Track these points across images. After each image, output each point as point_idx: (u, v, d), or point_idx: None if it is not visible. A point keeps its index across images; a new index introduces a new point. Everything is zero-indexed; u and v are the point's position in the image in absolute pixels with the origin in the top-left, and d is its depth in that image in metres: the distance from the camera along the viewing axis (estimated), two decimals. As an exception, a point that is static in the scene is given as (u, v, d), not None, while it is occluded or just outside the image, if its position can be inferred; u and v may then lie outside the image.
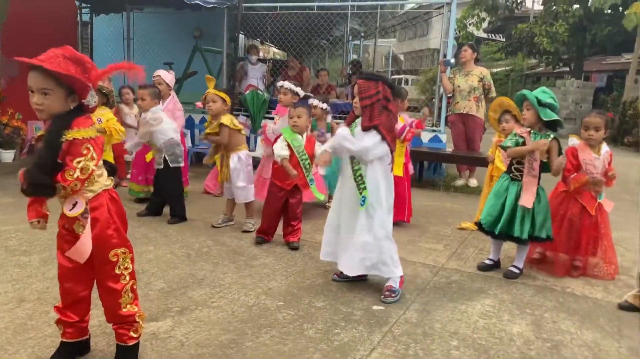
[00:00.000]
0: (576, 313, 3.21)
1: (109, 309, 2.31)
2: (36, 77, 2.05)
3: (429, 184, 7.19)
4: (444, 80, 7.04)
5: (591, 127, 3.72)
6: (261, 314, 2.97)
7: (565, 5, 16.28)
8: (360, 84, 3.28)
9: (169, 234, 4.41)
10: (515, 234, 3.61)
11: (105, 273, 2.25)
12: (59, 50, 2.09)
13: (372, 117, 3.22)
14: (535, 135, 3.60)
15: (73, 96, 2.13)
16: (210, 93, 4.60)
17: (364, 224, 3.29)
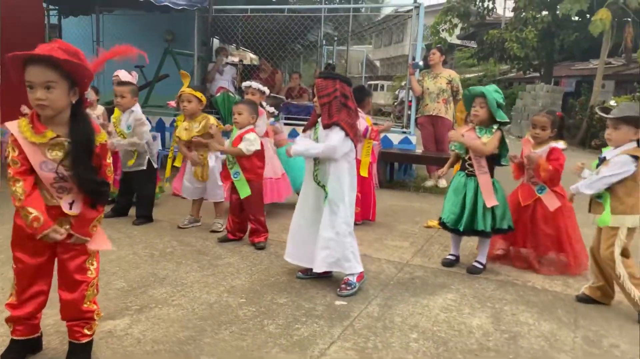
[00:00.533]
0: (535, 306, 3.26)
1: (71, 304, 2.24)
2: (39, 70, 1.97)
3: (399, 185, 7.25)
4: (413, 82, 7.12)
5: (538, 125, 3.82)
6: (222, 312, 2.95)
7: (534, 12, 16.63)
8: (318, 83, 3.33)
9: (133, 235, 4.35)
10: (480, 228, 3.67)
11: (75, 265, 2.21)
12: (53, 43, 2.05)
13: (331, 114, 3.25)
14: (480, 130, 3.68)
15: (74, 89, 2.08)
16: (185, 92, 4.54)
17: (328, 220, 3.31)
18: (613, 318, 3.13)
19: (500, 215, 3.70)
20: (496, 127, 3.69)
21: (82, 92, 2.12)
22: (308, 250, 3.42)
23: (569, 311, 3.20)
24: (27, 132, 2.05)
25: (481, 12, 18.69)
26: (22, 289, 2.24)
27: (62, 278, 2.25)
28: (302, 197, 3.53)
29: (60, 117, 2.09)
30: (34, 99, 2.00)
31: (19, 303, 2.25)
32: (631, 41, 14.75)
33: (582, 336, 2.86)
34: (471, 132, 3.74)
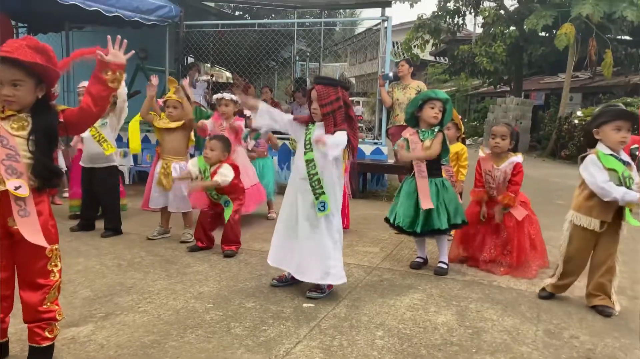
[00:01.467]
0: (500, 303, 3.32)
1: (30, 307, 2.21)
2: (6, 69, 2.03)
3: (372, 195, 7.32)
4: (383, 93, 7.24)
5: (498, 135, 3.90)
6: (188, 316, 2.94)
7: (502, 28, 17.07)
8: (318, 90, 3.18)
9: (101, 247, 4.30)
10: (436, 226, 3.73)
11: (37, 269, 2.19)
12: (22, 40, 2.10)
13: (337, 124, 3.18)
14: (423, 134, 3.79)
15: (41, 85, 2.14)
16: (172, 98, 4.61)
17: (325, 230, 3.24)
18: (574, 311, 3.21)
19: (454, 211, 3.79)
20: (437, 129, 3.79)
21: (49, 88, 2.17)
22: (295, 256, 3.32)
23: (532, 307, 3.27)
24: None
25: (452, 28, 19.09)
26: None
27: (23, 280, 2.22)
28: (287, 204, 3.39)
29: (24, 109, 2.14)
30: (1, 95, 2.07)
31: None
32: (595, 54, 15.21)
33: (543, 330, 2.93)
34: (415, 135, 3.84)
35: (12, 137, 2.09)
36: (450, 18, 18.60)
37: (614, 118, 3.06)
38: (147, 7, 7.26)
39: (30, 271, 2.19)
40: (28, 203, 2.10)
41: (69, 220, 5.17)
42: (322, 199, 3.20)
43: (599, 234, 3.15)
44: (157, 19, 7.52)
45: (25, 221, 2.09)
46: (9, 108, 2.10)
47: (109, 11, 6.59)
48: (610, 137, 3.06)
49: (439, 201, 3.78)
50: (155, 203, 4.66)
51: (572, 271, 3.30)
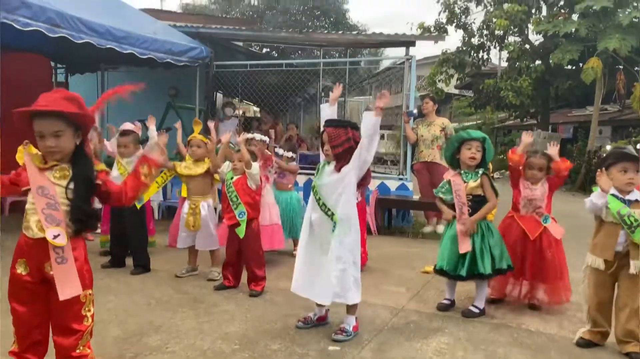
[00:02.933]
0: (529, 348, 3.26)
1: (64, 351, 2.28)
2: (46, 122, 2.17)
3: (397, 231, 7.30)
4: (408, 130, 7.31)
5: (536, 167, 3.95)
6: (215, 358, 2.97)
7: (528, 62, 17.10)
8: (329, 132, 3.33)
9: (131, 284, 4.39)
10: (480, 271, 3.69)
11: (71, 314, 2.25)
12: (54, 93, 2.24)
13: (348, 161, 3.32)
14: (466, 175, 3.79)
15: (78, 133, 2.26)
16: (196, 138, 4.75)
17: (337, 251, 3.29)
18: (606, 357, 3.12)
19: (499, 255, 3.75)
20: (482, 171, 3.80)
21: (85, 135, 2.30)
22: (315, 280, 3.37)
23: (562, 352, 3.20)
24: (36, 159, 2.24)
25: (476, 62, 19.20)
26: (22, 337, 2.29)
27: (56, 325, 2.29)
28: (306, 227, 3.48)
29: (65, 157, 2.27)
30: (44, 146, 2.19)
31: (21, 351, 2.30)
32: (623, 87, 15.10)
33: (574, 378, 2.86)
34: (457, 176, 3.84)
35: (52, 186, 2.21)
36: (475, 53, 18.72)
37: (619, 161, 3.15)
38: (178, 49, 7.54)
39: (64, 317, 2.25)
40: (66, 251, 2.19)
41: (100, 256, 5.29)
42: (335, 219, 3.30)
43: (614, 275, 3.15)
44: (188, 59, 7.79)
45: (62, 268, 2.18)
46: (52, 159, 2.22)
47: (142, 54, 6.86)
48: (617, 178, 3.14)
49: (483, 244, 3.75)
50: (183, 243, 4.75)
51: (600, 316, 3.24)
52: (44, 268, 2.21)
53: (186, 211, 4.70)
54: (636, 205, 3.10)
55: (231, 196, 4.28)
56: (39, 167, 2.23)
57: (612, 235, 3.14)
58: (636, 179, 3.11)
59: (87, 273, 2.30)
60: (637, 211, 3.08)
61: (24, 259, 2.23)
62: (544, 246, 3.93)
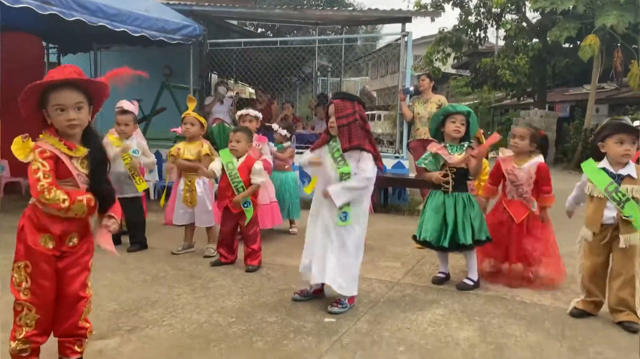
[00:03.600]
0: (523, 318, 3.29)
1: (70, 320, 2.30)
2: (70, 93, 2.14)
3: (394, 209, 7.31)
4: (404, 108, 7.27)
5: (517, 135, 3.97)
6: (212, 330, 2.98)
7: (525, 40, 16.99)
8: (336, 104, 3.29)
9: (127, 262, 4.39)
10: (461, 241, 3.72)
11: (80, 281, 2.31)
12: (66, 68, 2.21)
13: (352, 137, 3.25)
14: (451, 148, 3.79)
15: (91, 108, 2.25)
16: (190, 115, 4.69)
17: (342, 240, 3.31)
18: (600, 327, 3.16)
19: (478, 227, 3.78)
20: (467, 144, 3.80)
21: (97, 110, 2.28)
22: (315, 262, 3.38)
23: (556, 322, 3.23)
24: (62, 147, 2.19)
25: (473, 41, 19.07)
26: (45, 315, 2.26)
27: (64, 296, 2.30)
28: (314, 213, 3.48)
29: (78, 134, 2.25)
30: (65, 120, 2.16)
31: (42, 331, 2.27)
32: (621, 65, 15.01)
33: (568, 346, 2.89)
34: (443, 149, 3.84)
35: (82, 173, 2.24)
36: (472, 31, 18.58)
37: (616, 132, 3.12)
38: (171, 27, 7.45)
39: (77, 283, 2.29)
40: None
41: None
42: (345, 209, 3.28)
43: (608, 246, 3.18)
44: (181, 38, 7.70)
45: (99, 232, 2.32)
46: (72, 132, 2.20)
47: (135, 31, 6.78)
48: (613, 150, 3.13)
49: (464, 216, 3.78)
50: (180, 220, 4.74)
51: (593, 285, 3.27)
52: (67, 241, 2.25)
53: (182, 188, 4.70)
54: (628, 180, 3.11)
55: (237, 186, 4.21)
56: (68, 155, 2.20)
57: (598, 208, 3.18)
58: (632, 151, 3.10)
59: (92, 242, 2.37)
60: (628, 186, 3.09)
61: (49, 234, 2.22)
62: (530, 231, 3.95)
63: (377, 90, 40.49)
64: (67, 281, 2.28)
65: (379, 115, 27.90)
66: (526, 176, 3.92)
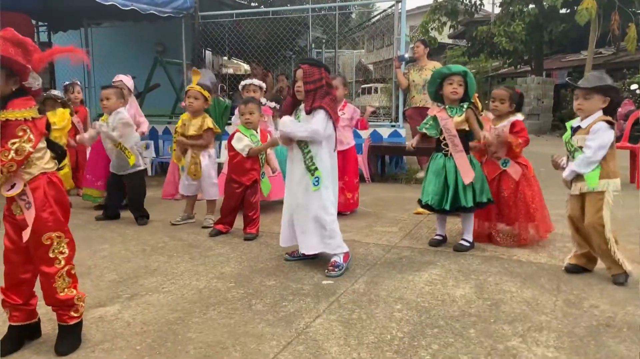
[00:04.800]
0: (519, 276, 3.32)
1: (47, 293, 2.32)
2: None
3: (391, 178, 7.32)
4: (399, 75, 7.21)
5: (497, 98, 3.97)
6: (211, 295, 3.02)
7: (521, 6, 16.77)
8: (305, 69, 3.35)
9: (125, 234, 4.42)
10: (462, 204, 3.74)
11: (38, 256, 2.27)
12: (2, 31, 2.13)
13: (315, 100, 3.34)
14: (451, 110, 3.78)
15: (15, 78, 2.17)
16: (193, 89, 4.64)
17: (318, 203, 3.39)
18: (595, 283, 3.19)
19: (479, 189, 3.78)
20: (466, 105, 3.78)
21: (23, 80, 2.21)
22: (300, 233, 3.50)
23: (552, 278, 3.26)
24: None
25: (469, 9, 18.81)
26: (6, 273, 2.31)
27: (36, 268, 2.32)
28: (288, 183, 3.60)
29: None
30: None
31: (6, 288, 2.32)
32: (618, 29, 14.84)
33: (563, 300, 2.92)
34: (442, 112, 3.82)
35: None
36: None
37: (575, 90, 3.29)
38: (162, 0, 7.34)
39: (36, 259, 2.28)
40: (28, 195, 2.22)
41: (95, 210, 5.30)
42: (317, 174, 3.38)
43: (581, 199, 3.24)
44: (172, 10, 7.59)
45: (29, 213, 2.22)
46: None
47: (124, 5, 6.68)
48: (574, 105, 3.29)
49: None
50: (185, 190, 4.74)
51: (580, 239, 3.33)
52: (12, 211, 2.25)
53: (188, 160, 4.67)
54: (579, 131, 3.21)
55: (261, 157, 4.41)
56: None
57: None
58: (584, 105, 3.18)
59: (50, 215, 2.25)
60: (577, 137, 3.20)
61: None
62: (501, 188, 3.98)
63: (373, 63, 40.14)
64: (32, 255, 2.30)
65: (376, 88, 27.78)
66: (503, 133, 3.91)
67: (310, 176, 3.39)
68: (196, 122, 4.63)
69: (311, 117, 3.37)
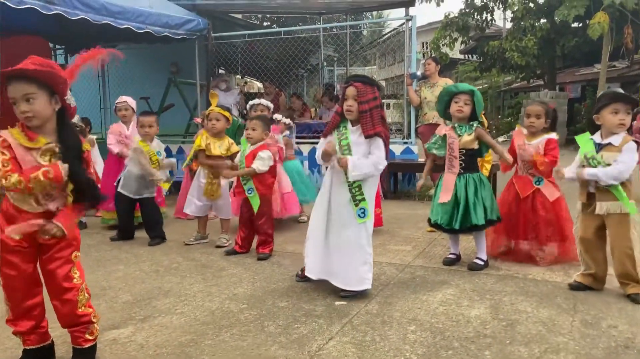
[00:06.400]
0: (535, 295, 3.27)
1: (66, 312, 2.32)
2: (17, 85, 2.13)
3: (404, 195, 7.30)
4: (411, 93, 7.23)
5: (532, 114, 3.90)
6: (223, 317, 3.02)
7: (532, 20, 16.75)
8: (359, 87, 3.17)
9: (139, 254, 4.45)
10: (473, 222, 3.71)
11: (62, 274, 2.29)
12: (26, 60, 2.18)
13: (375, 123, 3.17)
14: (460, 128, 3.76)
15: (55, 97, 2.22)
16: (214, 111, 4.68)
17: (364, 236, 3.27)
18: (613, 301, 3.13)
19: (490, 206, 3.76)
20: (475, 124, 3.76)
21: (62, 98, 2.24)
22: (331, 262, 3.34)
23: (568, 298, 3.21)
24: (21, 138, 2.18)
25: (480, 25, 18.83)
26: (15, 304, 2.31)
27: (52, 289, 2.32)
28: (322, 210, 3.39)
29: (47, 126, 2.22)
30: (19, 113, 2.16)
31: (15, 318, 2.33)
32: (631, 42, 14.74)
33: (580, 320, 2.87)
34: (451, 130, 3.81)
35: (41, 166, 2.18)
36: (479, 14, 18.34)
37: (611, 102, 3.10)
38: (175, 22, 7.47)
39: (57, 276, 2.28)
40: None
41: (107, 230, 5.34)
42: (362, 205, 3.23)
43: (598, 217, 3.17)
44: (185, 32, 7.71)
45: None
46: (30, 124, 2.17)
47: (139, 28, 6.81)
48: (608, 120, 3.11)
49: (476, 197, 3.76)
50: (197, 211, 4.77)
51: (588, 258, 3.27)
52: (37, 234, 2.23)
53: (204, 180, 4.67)
54: (608, 147, 3.12)
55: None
56: (25, 147, 2.17)
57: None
58: (627, 120, 3.10)
59: (78, 234, 2.35)
60: (605, 154, 3.10)
61: None
62: (536, 207, 3.91)
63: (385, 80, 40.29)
64: (50, 276, 2.30)
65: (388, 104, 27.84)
66: (534, 151, 3.88)
67: (354, 207, 3.23)
68: (221, 143, 4.66)
69: (368, 143, 3.21)
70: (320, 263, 3.40)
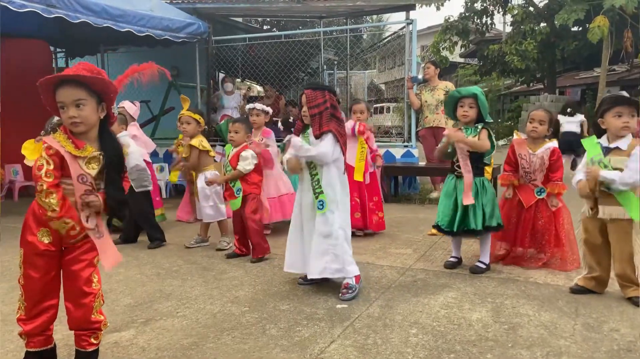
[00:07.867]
0: (536, 299, 3.27)
1: (79, 315, 2.31)
2: (69, 90, 2.13)
3: (405, 198, 7.29)
4: (411, 96, 7.24)
5: (536, 119, 3.88)
6: (225, 320, 3.01)
7: (532, 24, 16.80)
8: (307, 94, 3.40)
9: (140, 257, 4.44)
10: (471, 226, 3.71)
11: (85, 277, 2.30)
12: (78, 65, 2.22)
13: (322, 124, 3.36)
14: (466, 130, 3.76)
15: (102, 105, 2.23)
16: (184, 115, 4.74)
17: (327, 228, 3.37)
18: (615, 305, 3.13)
19: (490, 213, 3.75)
20: (481, 125, 3.77)
21: (109, 107, 2.26)
22: (306, 258, 3.49)
23: (570, 301, 3.21)
24: (68, 145, 2.18)
25: (480, 28, 18.89)
26: (32, 305, 2.30)
27: (70, 291, 2.32)
28: (297, 207, 3.61)
29: (91, 133, 2.23)
30: (67, 118, 2.16)
31: (29, 318, 2.32)
32: (631, 46, 14.78)
33: (582, 323, 2.87)
34: (459, 132, 3.81)
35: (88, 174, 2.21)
36: (478, 18, 18.41)
37: (613, 105, 3.09)
38: (176, 26, 7.49)
39: (80, 279, 2.29)
40: (99, 226, 2.27)
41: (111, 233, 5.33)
42: (321, 198, 3.37)
43: (603, 222, 3.17)
44: (186, 36, 7.74)
45: (101, 242, 2.27)
46: (76, 130, 2.18)
47: (140, 31, 6.83)
48: (612, 124, 3.09)
49: (477, 201, 3.76)
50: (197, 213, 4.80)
51: (594, 262, 3.27)
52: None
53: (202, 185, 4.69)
54: (615, 152, 3.09)
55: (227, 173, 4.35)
56: (72, 154, 2.18)
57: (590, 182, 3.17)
58: (632, 123, 3.06)
59: None
60: (612, 158, 3.08)
61: (47, 229, 2.23)
62: (539, 216, 3.92)
63: (385, 83, 40.35)
64: (71, 277, 2.30)
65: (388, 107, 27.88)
66: (539, 162, 3.88)
67: (314, 199, 3.40)
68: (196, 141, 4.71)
69: (320, 141, 3.38)
70: (299, 257, 3.58)
